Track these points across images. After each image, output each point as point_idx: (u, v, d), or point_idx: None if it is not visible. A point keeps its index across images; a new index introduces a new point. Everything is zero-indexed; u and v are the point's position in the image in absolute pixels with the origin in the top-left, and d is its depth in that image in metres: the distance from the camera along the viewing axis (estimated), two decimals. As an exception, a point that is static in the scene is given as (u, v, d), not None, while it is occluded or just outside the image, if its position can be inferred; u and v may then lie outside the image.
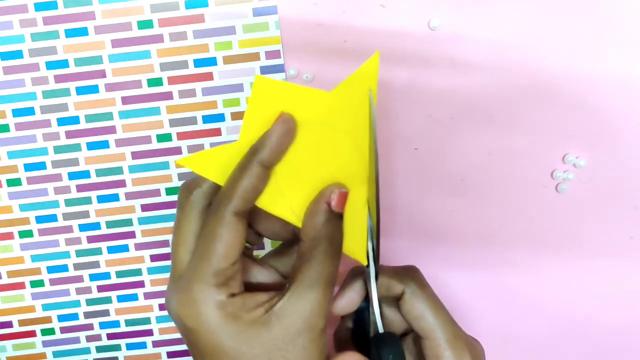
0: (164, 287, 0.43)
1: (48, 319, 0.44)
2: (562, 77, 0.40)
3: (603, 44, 0.39)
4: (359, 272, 0.34)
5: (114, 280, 0.43)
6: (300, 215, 0.32)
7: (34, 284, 0.43)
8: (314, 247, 0.31)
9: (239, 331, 0.29)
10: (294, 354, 0.30)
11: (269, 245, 0.43)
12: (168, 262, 0.43)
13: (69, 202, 0.42)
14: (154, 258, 0.43)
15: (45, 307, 0.44)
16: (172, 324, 0.44)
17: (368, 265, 0.33)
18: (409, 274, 0.34)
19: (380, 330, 0.33)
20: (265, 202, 0.31)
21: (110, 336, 0.44)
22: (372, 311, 0.33)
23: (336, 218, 0.31)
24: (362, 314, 0.34)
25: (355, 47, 0.40)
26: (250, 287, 0.31)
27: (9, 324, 0.44)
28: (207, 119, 0.41)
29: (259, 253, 0.42)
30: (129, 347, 0.44)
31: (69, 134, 0.41)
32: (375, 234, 0.32)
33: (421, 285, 0.33)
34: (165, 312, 0.44)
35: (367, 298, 0.33)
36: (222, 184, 0.31)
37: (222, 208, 0.30)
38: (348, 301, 0.34)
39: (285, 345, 0.30)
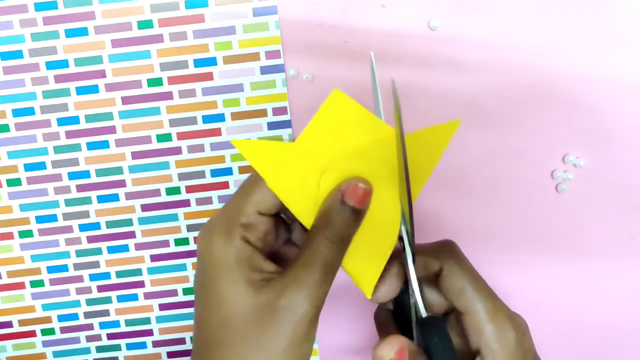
0: (164, 287, 0.43)
1: (48, 319, 0.44)
2: (562, 77, 0.40)
3: (603, 44, 0.39)
4: (395, 256, 0.33)
5: (114, 280, 0.43)
6: None
7: (34, 284, 0.43)
8: (316, 231, 0.31)
9: (233, 278, 0.30)
10: (267, 332, 0.29)
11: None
12: (168, 262, 0.43)
13: (69, 202, 0.42)
14: (154, 258, 0.43)
15: (45, 307, 0.44)
16: (172, 324, 0.44)
17: (404, 248, 0.32)
18: (446, 249, 0.33)
19: (423, 314, 0.32)
20: (300, 209, 0.32)
21: (110, 336, 0.44)
22: (413, 294, 0.32)
23: (345, 208, 0.31)
24: (401, 296, 0.34)
25: (355, 47, 0.40)
26: (274, 259, 0.32)
27: (9, 324, 0.44)
28: (207, 119, 0.41)
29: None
30: (129, 347, 0.44)
31: (69, 134, 0.41)
32: (408, 217, 0.31)
33: (459, 259, 0.33)
34: (165, 312, 0.44)
35: (405, 281, 0.33)
36: (266, 177, 0.31)
37: None
38: (388, 288, 0.33)
39: (263, 319, 0.29)
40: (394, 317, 0.35)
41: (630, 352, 0.44)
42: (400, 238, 0.32)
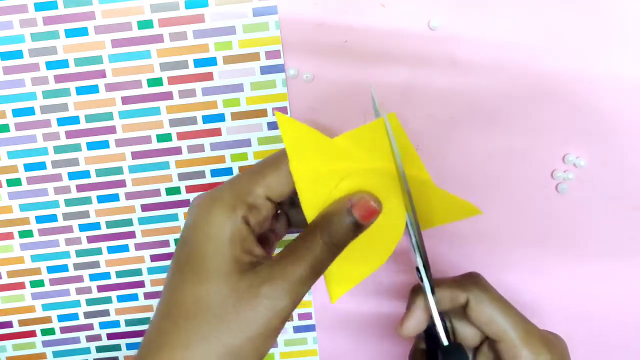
0: (164, 287, 0.43)
1: (48, 319, 0.44)
2: (562, 77, 0.40)
3: (603, 44, 0.39)
4: (420, 290, 0.34)
5: (114, 280, 0.43)
6: None
7: (34, 284, 0.43)
8: (314, 230, 0.31)
9: (222, 254, 0.29)
10: (242, 316, 0.29)
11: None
12: (168, 262, 0.43)
13: (69, 202, 0.42)
14: (154, 258, 0.43)
15: (45, 307, 0.44)
16: (172, 324, 0.44)
17: (422, 280, 0.33)
18: (470, 280, 0.34)
19: (445, 342, 0.32)
20: (309, 200, 0.32)
21: (110, 336, 0.44)
22: (435, 325, 0.33)
23: (349, 218, 0.31)
24: (432, 331, 0.34)
25: (356, 47, 0.40)
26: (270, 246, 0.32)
27: (9, 324, 0.44)
28: (207, 119, 0.41)
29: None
30: (129, 347, 0.44)
31: (69, 134, 0.41)
32: (420, 249, 0.32)
33: (484, 289, 0.33)
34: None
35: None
36: (291, 158, 0.31)
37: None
38: (415, 321, 0.33)
39: (241, 303, 0.29)
40: (428, 356, 0.35)
41: (630, 352, 0.44)
42: (417, 270, 0.33)
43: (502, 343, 0.32)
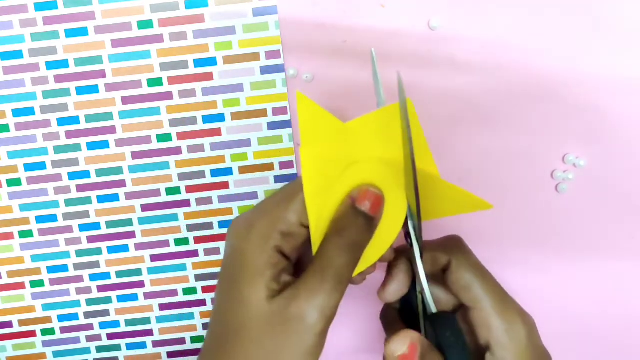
0: (164, 287, 0.43)
1: (48, 319, 0.44)
2: (561, 77, 0.40)
3: (603, 44, 0.39)
4: (402, 253, 0.33)
5: (114, 280, 0.43)
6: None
7: (34, 284, 0.43)
8: (328, 238, 0.30)
9: (256, 282, 0.29)
10: (277, 341, 0.29)
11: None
12: (168, 262, 0.43)
13: (69, 202, 0.42)
14: (154, 258, 0.43)
15: (45, 307, 0.44)
16: (172, 324, 0.44)
17: (411, 245, 0.32)
18: (453, 243, 0.33)
19: (433, 309, 0.32)
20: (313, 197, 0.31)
21: (110, 336, 0.44)
22: (421, 291, 0.32)
23: (357, 214, 0.30)
24: (408, 294, 0.33)
25: (355, 47, 0.40)
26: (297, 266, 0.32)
27: (9, 324, 0.44)
28: (207, 119, 0.41)
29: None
30: (129, 347, 0.44)
31: (69, 134, 0.41)
32: (415, 213, 0.31)
33: (466, 253, 0.33)
34: (165, 312, 0.44)
35: (413, 278, 0.32)
36: (304, 142, 0.31)
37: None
38: (397, 286, 0.33)
39: (274, 328, 0.29)
40: (401, 315, 0.35)
41: (630, 352, 0.44)
42: (408, 234, 0.32)
43: (476, 311, 0.32)
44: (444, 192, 0.32)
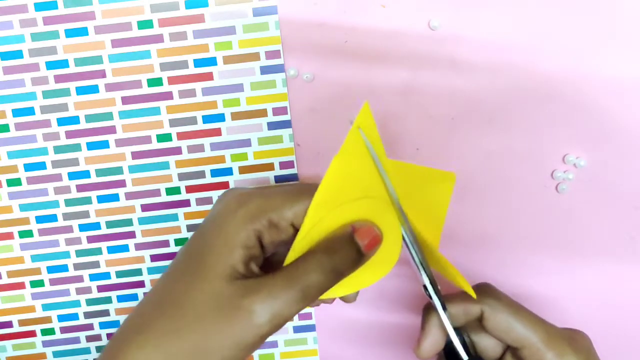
0: (164, 287, 0.43)
1: (48, 319, 0.44)
2: (562, 77, 0.40)
3: (603, 44, 0.39)
4: (432, 307, 0.33)
5: (114, 280, 0.43)
6: None
7: (34, 284, 0.43)
8: (314, 253, 0.30)
9: (224, 258, 0.29)
10: (218, 324, 0.28)
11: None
12: (168, 262, 0.43)
13: (69, 202, 0.42)
14: (154, 258, 0.43)
15: (45, 307, 0.44)
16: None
17: (431, 297, 0.32)
18: (481, 290, 0.33)
19: (464, 357, 0.32)
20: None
21: (110, 336, 0.44)
22: (452, 342, 0.32)
23: (351, 244, 0.30)
24: (450, 348, 0.33)
25: (356, 47, 0.40)
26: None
27: (9, 324, 0.44)
28: (207, 119, 0.41)
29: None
30: (129, 347, 0.44)
31: (69, 134, 0.41)
32: (424, 266, 0.31)
33: (497, 297, 0.33)
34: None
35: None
36: (345, 146, 0.30)
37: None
38: (431, 341, 0.33)
39: (220, 310, 0.28)
40: None
41: (630, 352, 0.44)
42: (425, 287, 0.32)
43: (525, 349, 0.32)
44: (414, 176, 0.32)
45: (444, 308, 0.32)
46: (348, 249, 0.30)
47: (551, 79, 0.40)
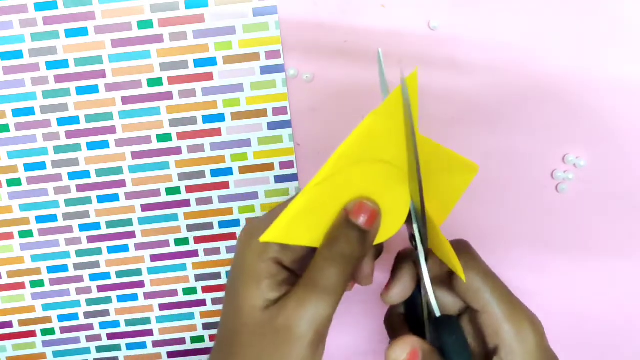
0: (164, 287, 0.43)
1: (48, 319, 0.44)
2: (562, 77, 0.40)
3: (603, 44, 0.39)
4: (407, 256, 0.33)
5: (114, 280, 0.43)
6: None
7: (34, 284, 0.43)
8: (320, 251, 0.30)
9: (252, 290, 0.29)
10: (267, 350, 0.29)
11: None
12: (168, 262, 0.43)
13: (69, 202, 0.42)
14: (154, 258, 0.43)
15: (45, 307, 0.44)
16: (172, 324, 0.44)
17: (416, 247, 0.31)
18: (459, 247, 0.32)
19: (437, 313, 0.31)
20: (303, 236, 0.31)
21: (110, 336, 0.44)
22: (425, 294, 0.31)
23: (349, 226, 0.30)
24: (413, 297, 0.33)
25: (355, 47, 0.40)
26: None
27: (9, 324, 0.44)
28: (207, 119, 0.41)
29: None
30: (129, 347, 0.44)
31: (69, 134, 0.41)
32: (420, 215, 0.31)
33: (474, 258, 0.32)
34: (165, 312, 0.44)
35: (418, 281, 0.32)
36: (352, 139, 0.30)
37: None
38: (401, 288, 0.32)
39: (264, 337, 0.29)
40: (407, 319, 0.34)
41: (630, 352, 0.44)
42: (412, 237, 0.32)
43: (485, 315, 0.31)
44: (439, 156, 0.32)
45: (427, 260, 0.31)
46: (347, 232, 0.30)
47: (551, 79, 0.40)
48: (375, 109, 0.30)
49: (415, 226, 0.32)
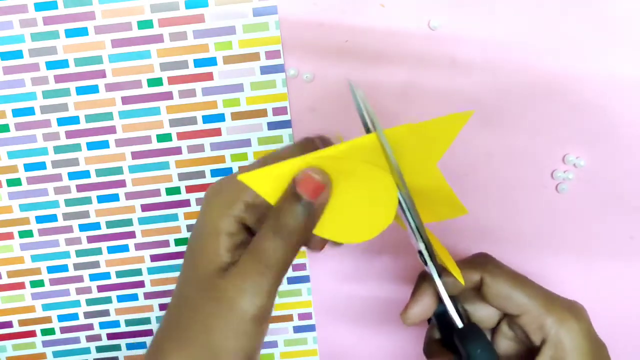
0: (164, 287, 0.43)
1: (48, 319, 0.44)
2: (562, 77, 0.40)
3: (603, 44, 0.39)
4: (426, 275, 0.33)
5: (114, 280, 0.43)
6: None
7: (34, 284, 0.43)
8: (266, 221, 0.29)
9: (207, 252, 0.29)
10: (212, 316, 0.28)
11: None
12: (168, 262, 0.43)
13: (69, 202, 0.42)
14: (154, 258, 0.43)
15: (45, 307, 0.44)
16: (172, 324, 0.44)
17: (426, 264, 0.31)
18: (481, 259, 0.33)
19: (459, 325, 0.31)
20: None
21: (110, 336, 0.44)
22: (446, 310, 0.32)
23: (293, 198, 0.28)
24: (444, 317, 0.33)
25: (356, 47, 0.40)
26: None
27: (9, 324, 0.44)
28: (207, 119, 0.41)
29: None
30: (129, 347, 0.44)
31: (69, 134, 0.41)
32: (421, 233, 0.31)
33: (497, 265, 0.32)
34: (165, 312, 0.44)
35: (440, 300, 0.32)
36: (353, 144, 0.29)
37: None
38: (420, 307, 0.32)
39: (210, 303, 0.29)
40: (444, 343, 0.34)
41: (630, 351, 0.44)
42: (420, 253, 0.32)
43: (525, 316, 0.31)
44: (424, 135, 0.31)
45: (439, 274, 0.31)
46: (290, 204, 0.29)
47: (551, 78, 0.40)
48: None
49: (420, 242, 0.31)
